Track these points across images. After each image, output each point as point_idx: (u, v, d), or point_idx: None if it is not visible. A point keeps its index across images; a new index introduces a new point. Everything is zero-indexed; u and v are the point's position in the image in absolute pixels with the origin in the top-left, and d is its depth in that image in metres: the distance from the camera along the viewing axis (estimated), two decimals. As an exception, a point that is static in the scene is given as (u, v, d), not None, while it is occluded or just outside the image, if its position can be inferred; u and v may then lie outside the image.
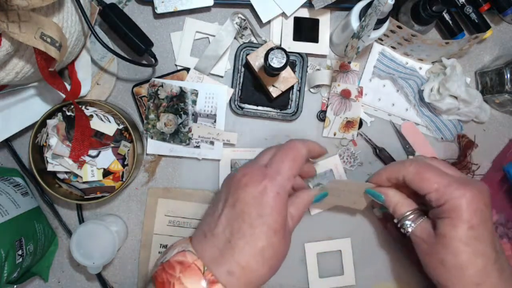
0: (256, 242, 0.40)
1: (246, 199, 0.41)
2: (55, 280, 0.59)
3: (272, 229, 0.40)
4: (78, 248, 0.52)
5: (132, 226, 0.59)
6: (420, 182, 0.44)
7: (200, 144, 0.57)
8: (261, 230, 0.40)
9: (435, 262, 0.43)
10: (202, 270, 0.39)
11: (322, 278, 0.58)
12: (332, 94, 0.57)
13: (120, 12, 0.54)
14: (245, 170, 0.43)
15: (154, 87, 0.56)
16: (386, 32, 0.52)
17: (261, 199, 0.41)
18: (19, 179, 0.56)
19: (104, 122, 0.54)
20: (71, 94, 0.53)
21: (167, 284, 0.39)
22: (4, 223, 0.49)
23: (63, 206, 0.59)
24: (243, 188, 0.42)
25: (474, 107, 0.55)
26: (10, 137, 0.55)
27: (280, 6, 0.55)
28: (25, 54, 0.45)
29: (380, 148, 0.58)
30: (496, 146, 0.60)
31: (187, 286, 0.38)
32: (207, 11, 0.58)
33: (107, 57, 0.56)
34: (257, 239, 0.40)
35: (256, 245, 0.40)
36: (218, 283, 0.39)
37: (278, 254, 0.42)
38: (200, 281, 0.39)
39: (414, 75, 0.57)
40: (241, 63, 0.57)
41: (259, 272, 0.41)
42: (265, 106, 0.58)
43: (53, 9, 0.44)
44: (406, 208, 0.46)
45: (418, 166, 0.45)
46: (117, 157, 0.54)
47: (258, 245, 0.40)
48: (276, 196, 0.41)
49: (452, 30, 0.57)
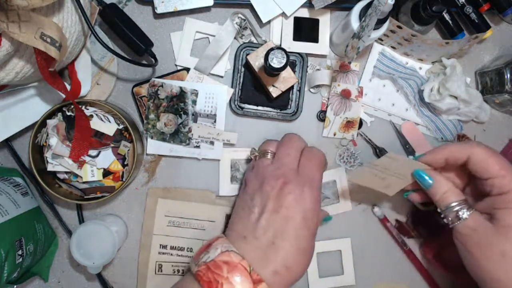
0: (300, 243, 0.44)
1: (290, 205, 0.45)
2: (55, 280, 0.59)
3: (312, 232, 0.45)
4: (78, 248, 0.52)
5: (132, 226, 0.59)
6: (488, 165, 0.42)
7: (200, 144, 0.57)
8: (304, 233, 0.44)
9: (493, 254, 0.41)
10: (249, 270, 0.41)
11: (322, 278, 0.58)
12: (332, 94, 0.57)
13: (120, 12, 0.54)
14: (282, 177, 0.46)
15: (154, 87, 0.56)
16: (386, 32, 0.52)
17: (304, 205, 0.45)
18: (19, 179, 0.56)
19: (104, 122, 0.54)
20: (71, 94, 0.53)
21: (215, 283, 0.40)
22: (4, 223, 0.49)
23: (63, 206, 0.59)
24: (286, 195, 0.45)
25: (474, 107, 0.55)
26: (10, 137, 0.55)
27: (280, 6, 0.55)
28: (25, 54, 0.45)
29: (380, 148, 0.58)
30: (496, 146, 0.60)
31: (235, 285, 0.40)
32: (207, 11, 0.58)
33: (107, 57, 0.56)
34: (301, 241, 0.44)
35: (300, 247, 0.44)
36: (263, 282, 0.41)
37: (311, 256, 0.46)
38: (247, 280, 0.40)
39: (414, 75, 0.57)
40: (241, 63, 0.57)
41: (299, 273, 0.44)
42: (265, 106, 0.58)
43: (53, 9, 0.44)
44: (455, 198, 0.44)
45: (485, 148, 0.44)
46: (117, 157, 0.54)
47: (301, 246, 0.44)
48: (316, 202, 0.46)
49: (452, 30, 0.57)
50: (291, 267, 0.43)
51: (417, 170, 0.47)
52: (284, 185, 0.45)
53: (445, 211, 0.44)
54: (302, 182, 0.46)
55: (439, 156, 0.46)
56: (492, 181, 0.42)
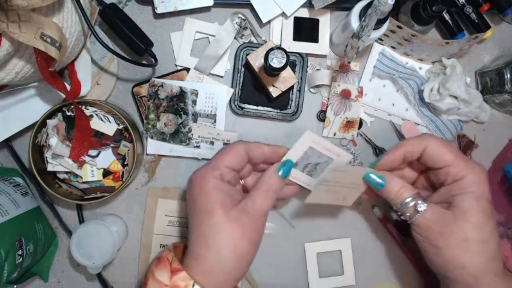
0: (196, 228, 0.43)
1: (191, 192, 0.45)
2: (55, 280, 0.59)
3: (205, 211, 0.43)
4: (78, 248, 0.52)
5: (132, 226, 0.59)
6: (443, 154, 0.43)
7: (200, 144, 0.57)
8: (199, 215, 0.43)
9: (456, 240, 0.41)
10: (170, 261, 0.43)
11: (322, 278, 0.58)
12: (332, 94, 0.57)
13: (120, 12, 0.54)
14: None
15: (154, 87, 0.56)
16: (386, 32, 0.52)
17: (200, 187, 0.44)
18: (19, 179, 0.56)
19: (104, 122, 0.54)
20: (71, 94, 0.53)
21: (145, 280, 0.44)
22: (4, 223, 0.49)
23: (63, 206, 0.59)
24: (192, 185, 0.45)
25: (474, 107, 0.55)
26: (10, 137, 0.55)
27: (280, 6, 0.55)
28: (25, 54, 0.45)
29: (380, 148, 0.58)
30: (496, 146, 0.60)
31: (157, 277, 0.42)
32: (207, 11, 0.58)
33: (107, 57, 0.56)
34: (196, 225, 0.43)
35: (197, 231, 0.43)
36: (183, 271, 0.41)
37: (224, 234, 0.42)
38: (165, 269, 0.42)
39: (414, 75, 0.57)
40: (241, 63, 0.57)
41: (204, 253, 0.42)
42: (265, 106, 0.58)
43: (53, 9, 0.44)
44: (409, 193, 0.44)
45: (439, 139, 0.45)
46: (117, 157, 0.54)
47: (198, 231, 0.43)
48: (203, 182, 0.44)
49: (452, 30, 0.57)
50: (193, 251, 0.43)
51: (367, 174, 0.47)
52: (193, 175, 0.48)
53: (402, 208, 0.45)
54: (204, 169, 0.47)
55: (398, 154, 0.46)
56: (447, 169, 0.43)
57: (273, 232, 0.59)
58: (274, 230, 0.59)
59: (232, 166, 0.46)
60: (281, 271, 0.59)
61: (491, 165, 0.60)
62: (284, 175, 0.46)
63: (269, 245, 0.58)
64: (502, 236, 0.57)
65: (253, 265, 0.58)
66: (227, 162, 0.45)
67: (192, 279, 0.41)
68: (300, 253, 0.59)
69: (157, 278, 0.42)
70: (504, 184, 0.57)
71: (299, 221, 0.59)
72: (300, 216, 0.59)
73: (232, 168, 0.46)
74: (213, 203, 0.43)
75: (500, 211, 0.58)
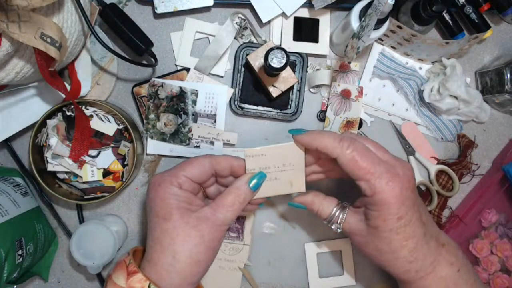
0: (152, 233, 0.44)
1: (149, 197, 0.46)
2: (55, 280, 0.59)
3: (161, 216, 0.44)
4: (78, 248, 0.52)
5: (132, 226, 0.59)
6: (354, 169, 0.42)
7: (200, 144, 0.57)
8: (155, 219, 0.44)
9: (372, 250, 0.45)
10: (127, 264, 0.44)
11: (322, 278, 0.58)
12: (332, 94, 0.57)
13: (120, 12, 0.54)
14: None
15: (154, 87, 0.56)
16: (386, 32, 0.52)
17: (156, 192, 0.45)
18: (19, 179, 0.56)
19: (104, 122, 0.54)
20: (71, 94, 0.53)
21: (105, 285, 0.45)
22: (4, 223, 0.49)
23: (63, 206, 0.59)
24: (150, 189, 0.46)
25: (474, 107, 0.55)
26: (10, 137, 0.55)
27: (280, 6, 0.55)
28: (25, 54, 0.45)
29: (380, 148, 0.58)
30: (496, 146, 0.60)
31: (114, 280, 0.43)
32: (207, 11, 0.58)
33: (107, 57, 0.56)
34: (153, 230, 0.44)
35: (153, 236, 0.44)
36: (138, 273, 0.42)
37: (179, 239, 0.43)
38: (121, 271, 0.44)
39: (414, 75, 0.57)
40: (241, 63, 0.57)
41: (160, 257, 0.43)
42: (265, 106, 0.58)
43: (53, 9, 0.44)
44: (330, 208, 0.47)
45: (355, 152, 0.42)
46: (117, 157, 0.54)
47: (153, 235, 0.44)
48: (159, 188, 0.45)
49: (452, 30, 0.57)
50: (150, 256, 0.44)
51: (290, 203, 0.50)
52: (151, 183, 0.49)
53: (331, 221, 0.48)
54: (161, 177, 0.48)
55: (312, 143, 0.45)
56: (359, 183, 0.43)
57: (273, 232, 0.59)
58: (274, 230, 0.59)
59: (192, 178, 0.46)
60: (281, 271, 0.59)
61: (491, 165, 0.60)
62: (255, 188, 0.46)
63: (269, 245, 0.58)
64: (502, 236, 0.57)
65: (253, 265, 0.58)
66: (189, 173, 0.46)
67: (148, 280, 0.42)
68: (300, 253, 0.59)
69: (114, 282, 0.43)
70: (504, 184, 0.57)
71: (299, 221, 0.59)
72: (300, 216, 0.59)
73: (192, 179, 0.46)
74: (168, 208, 0.43)
75: (500, 211, 0.58)
